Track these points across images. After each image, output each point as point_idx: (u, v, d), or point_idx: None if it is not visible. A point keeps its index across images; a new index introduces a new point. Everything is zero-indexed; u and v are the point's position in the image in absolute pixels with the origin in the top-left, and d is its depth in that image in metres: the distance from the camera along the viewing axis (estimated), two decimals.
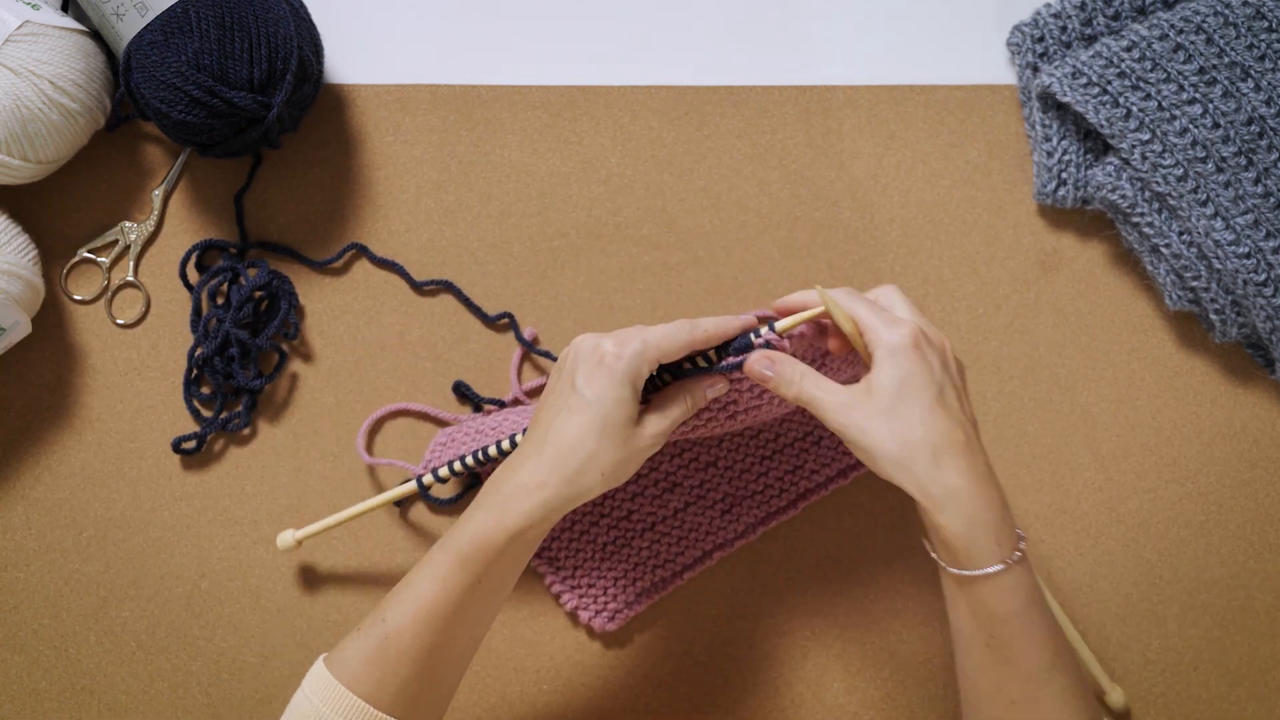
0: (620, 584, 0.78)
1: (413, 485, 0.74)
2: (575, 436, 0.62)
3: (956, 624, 0.63)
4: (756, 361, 0.64)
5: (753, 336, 0.65)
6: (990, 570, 0.60)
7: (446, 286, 0.80)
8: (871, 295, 0.66)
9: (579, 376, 0.63)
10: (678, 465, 0.78)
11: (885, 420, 0.60)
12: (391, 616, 0.62)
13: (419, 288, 0.80)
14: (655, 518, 0.78)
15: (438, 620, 0.62)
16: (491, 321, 0.80)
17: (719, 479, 0.78)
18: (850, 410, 0.61)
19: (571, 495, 0.62)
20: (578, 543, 0.78)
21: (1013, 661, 0.61)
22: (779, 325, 0.65)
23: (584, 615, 0.77)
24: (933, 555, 0.63)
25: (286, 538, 0.75)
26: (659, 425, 0.64)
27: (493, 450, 0.71)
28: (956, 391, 0.63)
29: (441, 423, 0.79)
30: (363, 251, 0.80)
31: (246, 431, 0.79)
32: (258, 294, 0.78)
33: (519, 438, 0.70)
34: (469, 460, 0.72)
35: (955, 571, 0.61)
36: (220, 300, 0.79)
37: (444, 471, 0.73)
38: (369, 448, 0.79)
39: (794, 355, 0.65)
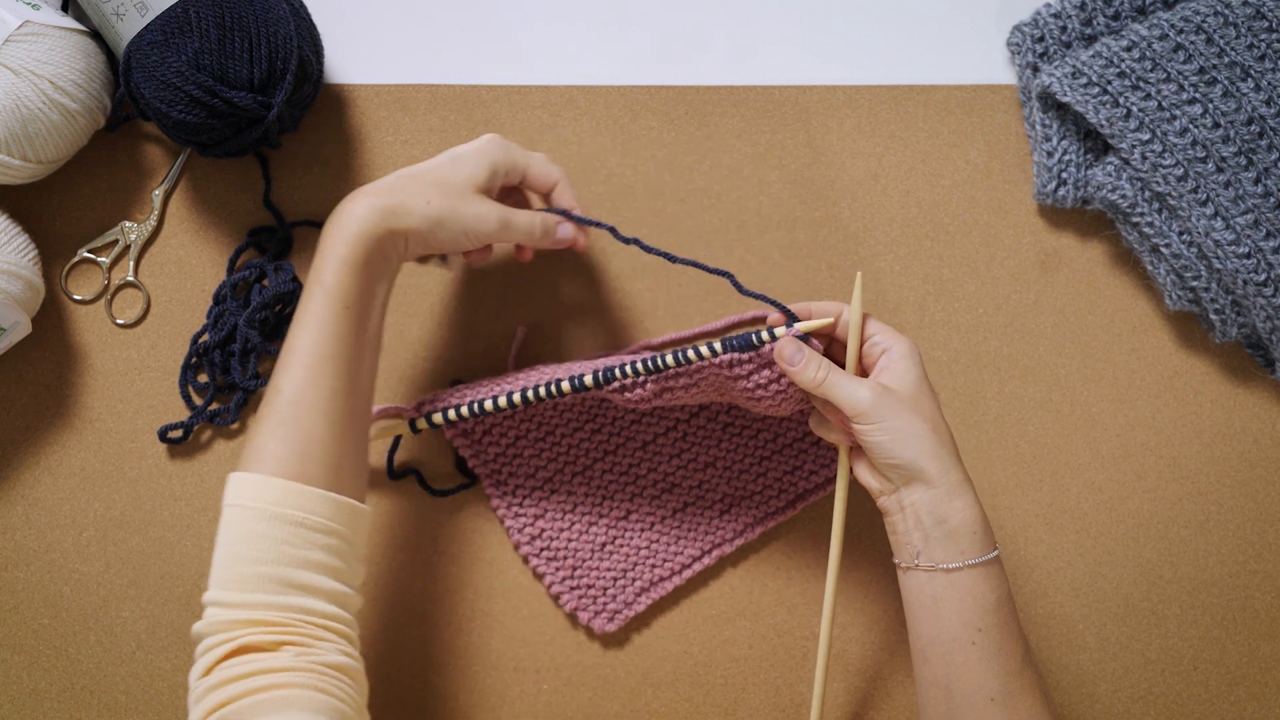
0: (619, 584, 0.78)
1: (402, 423, 0.75)
2: (418, 170, 0.69)
3: (936, 630, 0.64)
4: (787, 345, 0.66)
5: (753, 338, 0.67)
6: (994, 554, 0.63)
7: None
8: (840, 310, 0.68)
9: (464, 147, 0.71)
10: (676, 465, 0.78)
11: (913, 410, 0.63)
12: (286, 380, 0.63)
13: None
14: (654, 518, 0.78)
15: (327, 361, 0.63)
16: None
17: (718, 479, 0.78)
18: (884, 401, 0.64)
19: (391, 205, 0.66)
20: (576, 543, 0.78)
21: (997, 654, 0.63)
22: (801, 326, 0.67)
23: (583, 616, 0.77)
24: (915, 563, 0.64)
25: None
26: (499, 212, 0.69)
27: (489, 404, 0.71)
28: None
29: None
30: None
31: (235, 426, 0.79)
32: (277, 307, 0.78)
33: (517, 396, 0.71)
34: (464, 410, 0.72)
35: (954, 566, 0.63)
36: (239, 293, 0.79)
37: (437, 417, 0.73)
38: None
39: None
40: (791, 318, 0.67)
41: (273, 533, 0.59)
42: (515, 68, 0.82)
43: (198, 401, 0.79)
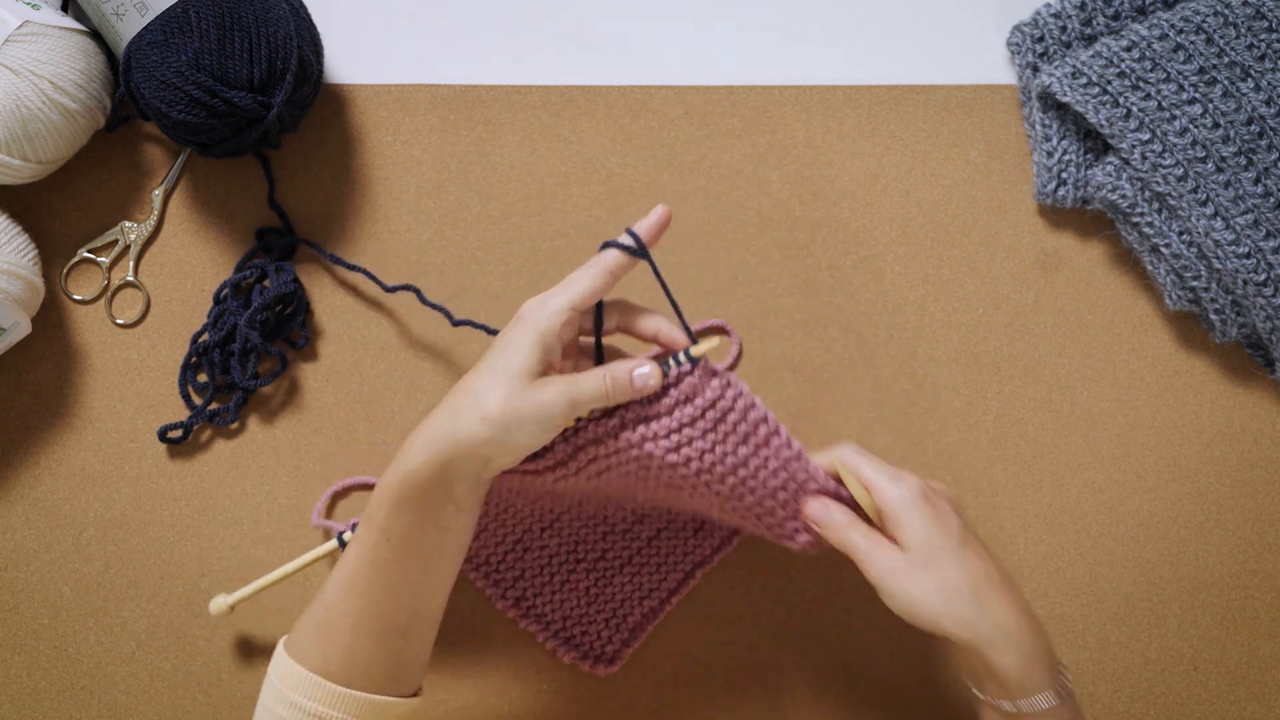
0: (612, 624, 0.77)
1: (334, 544, 0.73)
2: (469, 379, 0.62)
3: None
4: (813, 502, 0.65)
5: (671, 362, 0.63)
6: (1046, 706, 0.61)
7: (407, 288, 0.78)
8: (834, 454, 0.66)
9: (502, 331, 0.63)
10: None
11: (924, 572, 0.61)
12: (327, 586, 0.64)
13: (389, 290, 0.79)
14: (630, 550, 0.78)
15: (360, 581, 0.63)
16: (455, 324, 0.78)
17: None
18: (892, 570, 0.62)
19: (452, 434, 0.60)
20: (560, 593, 0.77)
21: None
22: (694, 350, 0.63)
23: (585, 665, 0.77)
24: (980, 697, 0.63)
25: (220, 603, 0.74)
26: (562, 387, 0.60)
27: None
28: (973, 531, 0.64)
29: None
30: (418, 294, 0.79)
31: (235, 426, 0.79)
32: (278, 308, 0.78)
33: None
34: None
35: (1009, 706, 0.61)
36: (240, 294, 0.79)
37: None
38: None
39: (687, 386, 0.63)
40: (693, 339, 0.63)
41: (286, 716, 0.63)
42: (515, 68, 0.82)
43: (197, 401, 0.79)
